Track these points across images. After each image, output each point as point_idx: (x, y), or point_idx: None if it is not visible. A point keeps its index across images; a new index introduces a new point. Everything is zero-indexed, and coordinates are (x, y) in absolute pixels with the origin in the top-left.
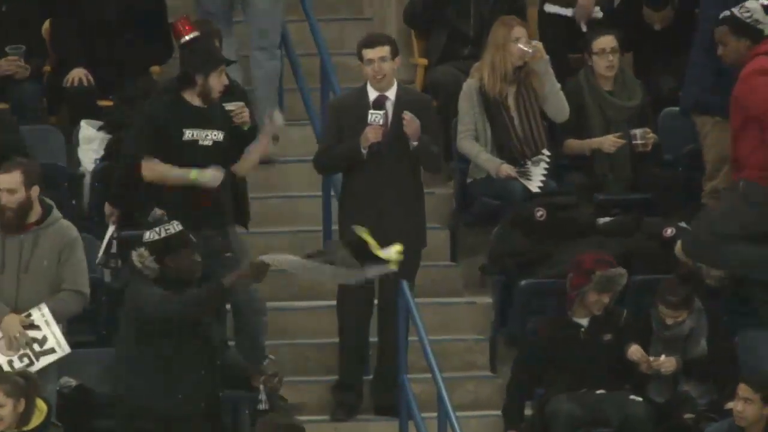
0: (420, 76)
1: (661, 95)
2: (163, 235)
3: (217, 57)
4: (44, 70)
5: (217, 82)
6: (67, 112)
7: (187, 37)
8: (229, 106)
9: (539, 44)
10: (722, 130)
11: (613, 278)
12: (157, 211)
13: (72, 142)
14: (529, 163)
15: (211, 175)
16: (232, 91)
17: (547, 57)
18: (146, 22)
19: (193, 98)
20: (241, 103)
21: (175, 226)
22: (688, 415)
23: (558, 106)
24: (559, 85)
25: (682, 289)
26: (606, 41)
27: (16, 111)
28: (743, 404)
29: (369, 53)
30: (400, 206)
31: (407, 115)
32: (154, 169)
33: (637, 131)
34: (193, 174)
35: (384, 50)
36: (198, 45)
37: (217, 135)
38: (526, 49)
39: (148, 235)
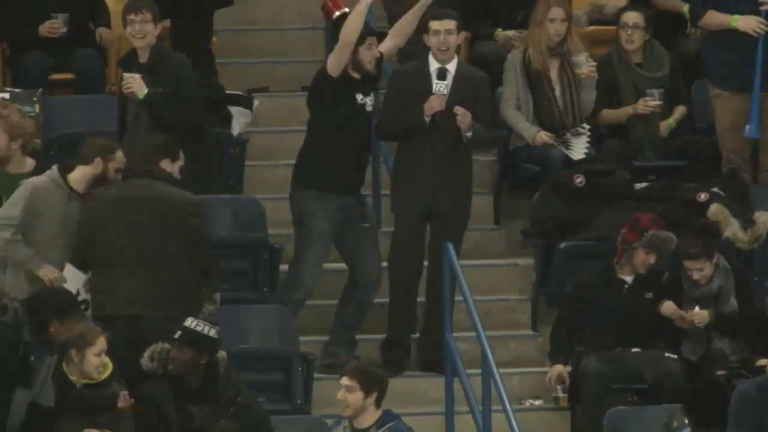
0: (463, 49)
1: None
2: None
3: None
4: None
5: (366, 54)
6: None
7: (337, 13)
8: (126, 75)
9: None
10: (724, 102)
11: (664, 240)
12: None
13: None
14: (568, 134)
15: None
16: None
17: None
18: None
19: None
20: (136, 75)
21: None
22: (720, 372)
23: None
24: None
25: (698, 240)
26: (631, 16)
27: (79, 81)
28: None
29: (436, 25)
30: (451, 175)
31: (459, 110)
32: (346, 26)
33: (655, 91)
34: (363, 5)
35: (450, 23)
36: (344, 21)
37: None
38: (585, 71)
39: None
